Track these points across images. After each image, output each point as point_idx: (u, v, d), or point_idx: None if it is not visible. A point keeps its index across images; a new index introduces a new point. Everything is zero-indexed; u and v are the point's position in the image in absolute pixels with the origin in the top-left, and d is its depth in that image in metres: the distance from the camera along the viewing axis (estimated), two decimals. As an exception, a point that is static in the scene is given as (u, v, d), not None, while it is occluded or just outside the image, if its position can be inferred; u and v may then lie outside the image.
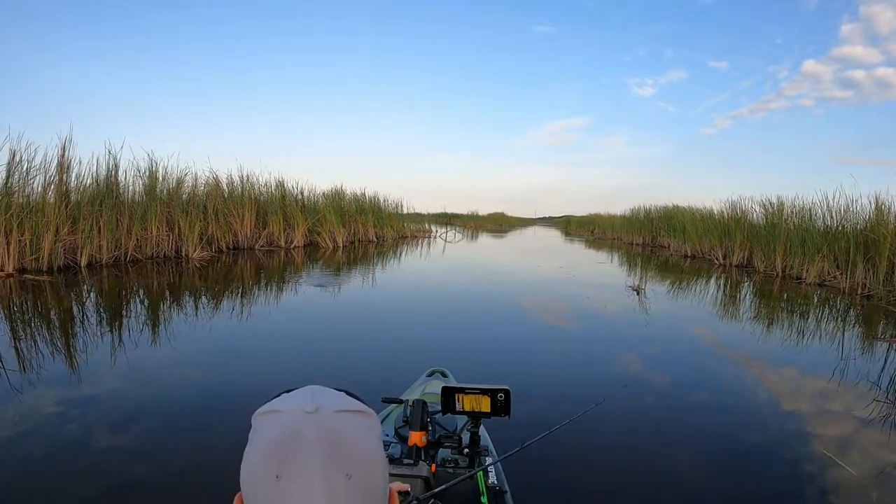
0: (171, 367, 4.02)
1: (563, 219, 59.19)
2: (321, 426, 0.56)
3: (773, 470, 2.70)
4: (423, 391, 2.36)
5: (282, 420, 0.58)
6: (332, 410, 0.59)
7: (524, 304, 7.46)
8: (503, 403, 1.61)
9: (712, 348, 5.31)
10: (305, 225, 15.07)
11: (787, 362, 4.86)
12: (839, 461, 2.78)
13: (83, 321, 5.47)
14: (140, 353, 4.29)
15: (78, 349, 4.36)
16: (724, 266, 14.09)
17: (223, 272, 9.68)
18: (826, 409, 3.67)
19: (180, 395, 3.48)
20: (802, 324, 6.65)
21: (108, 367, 3.91)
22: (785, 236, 12.58)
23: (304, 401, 0.60)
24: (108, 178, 10.01)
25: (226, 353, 4.54)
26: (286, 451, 0.54)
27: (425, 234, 25.33)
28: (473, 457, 1.67)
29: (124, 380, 3.67)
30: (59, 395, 3.32)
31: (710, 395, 3.90)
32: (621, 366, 4.52)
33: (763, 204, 14.30)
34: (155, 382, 3.69)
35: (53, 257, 8.34)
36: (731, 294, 9.31)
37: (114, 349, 4.36)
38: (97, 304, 6.39)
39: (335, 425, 0.57)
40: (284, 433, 0.56)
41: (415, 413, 1.58)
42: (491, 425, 2.12)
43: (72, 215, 8.90)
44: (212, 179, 13.28)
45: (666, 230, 20.27)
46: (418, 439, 1.54)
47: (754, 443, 3.06)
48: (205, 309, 6.31)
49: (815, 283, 10.85)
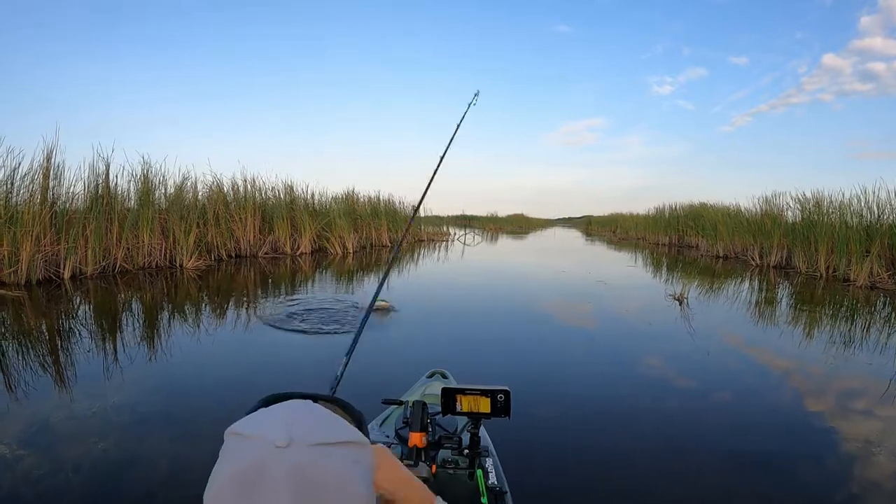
0: (146, 392, 3.30)
1: (584, 219, 58.01)
2: (291, 465, 0.52)
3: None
4: (424, 392, 2.36)
5: (248, 450, 0.53)
6: (307, 444, 0.54)
7: (550, 316, 6.64)
8: (503, 404, 1.58)
9: (792, 386, 4.34)
10: (313, 230, 14.40)
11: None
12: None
13: (50, 341, 4.82)
14: (115, 377, 3.59)
15: (40, 373, 3.74)
16: (760, 267, 13.05)
17: (219, 282, 9.04)
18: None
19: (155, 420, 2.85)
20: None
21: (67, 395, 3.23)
22: (828, 234, 11.55)
23: (277, 430, 0.54)
24: (96, 183, 9.47)
25: (214, 362, 4.23)
26: (250, 487, 0.51)
27: (443, 237, 24.55)
28: (474, 458, 1.64)
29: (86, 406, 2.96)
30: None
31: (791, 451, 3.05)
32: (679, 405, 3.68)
33: (799, 200, 13.29)
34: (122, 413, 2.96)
35: (32, 270, 7.75)
36: (788, 304, 8.09)
37: (81, 375, 3.69)
38: (68, 323, 5.74)
39: (308, 464, 0.52)
40: (250, 466, 0.52)
41: (415, 414, 1.54)
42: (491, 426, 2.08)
43: (55, 224, 8.33)
44: (214, 184, 12.72)
45: (694, 229, 19.21)
46: (418, 440, 1.50)
47: None
48: (195, 319, 5.75)
49: (866, 285, 9.84)
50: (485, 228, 36.89)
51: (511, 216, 46.88)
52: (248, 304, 6.81)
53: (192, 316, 6.15)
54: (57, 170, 8.69)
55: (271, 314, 6.05)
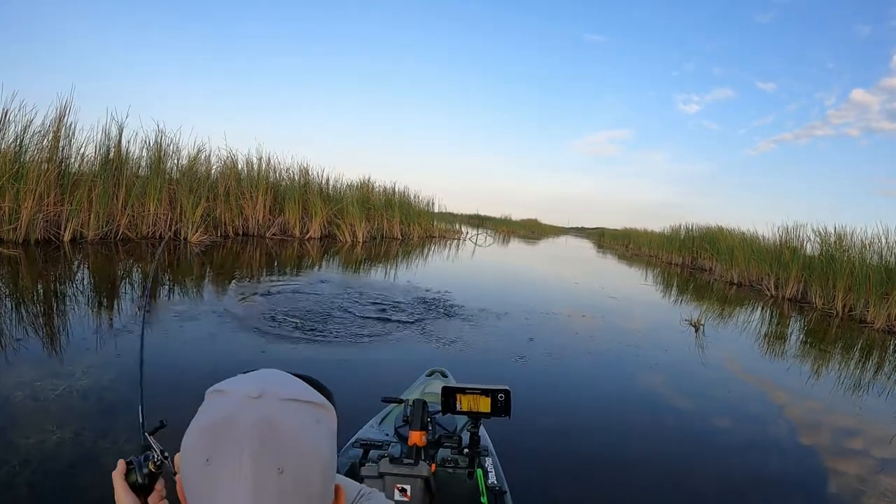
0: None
1: (597, 231, 57.36)
2: (260, 414, 0.54)
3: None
4: (424, 391, 2.33)
5: (223, 402, 0.56)
6: (277, 398, 0.56)
7: (564, 333, 6.40)
8: (503, 404, 1.57)
9: (815, 440, 4.11)
10: (324, 215, 14.21)
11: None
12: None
13: (38, 305, 4.68)
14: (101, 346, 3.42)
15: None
16: (775, 298, 12.70)
17: (221, 260, 8.88)
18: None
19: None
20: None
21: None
22: (847, 271, 11.19)
23: (251, 385, 0.57)
24: (107, 146, 9.35)
25: (210, 348, 4.10)
26: (219, 437, 0.53)
27: (455, 235, 24.31)
28: (473, 457, 1.62)
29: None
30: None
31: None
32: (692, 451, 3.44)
33: (819, 233, 12.91)
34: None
35: (32, 229, 7.62)
36: (808, 344, 7.60)
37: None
38: (59, 286, 5.60)
39: (275, 414, 0.54)
40: (222, 417, 0.54)
41: (415, 413, 1.54)
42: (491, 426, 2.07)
43: (61, 184, 8.20)
44: (228, 159, 12.57)
45: (709, 252, 18.83)
46: (418, 439, 1.50)
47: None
48: (196, 294, 5.69)
49: (884, 328, 9.49)
50: (497, 230, 36.58)
51: (524, 220, 46.54)
52: (241, 291, 6.63)
53: (185, 295, 5.98)
54: (69, 129, 8.59)
55: (255, 310, 5.86)
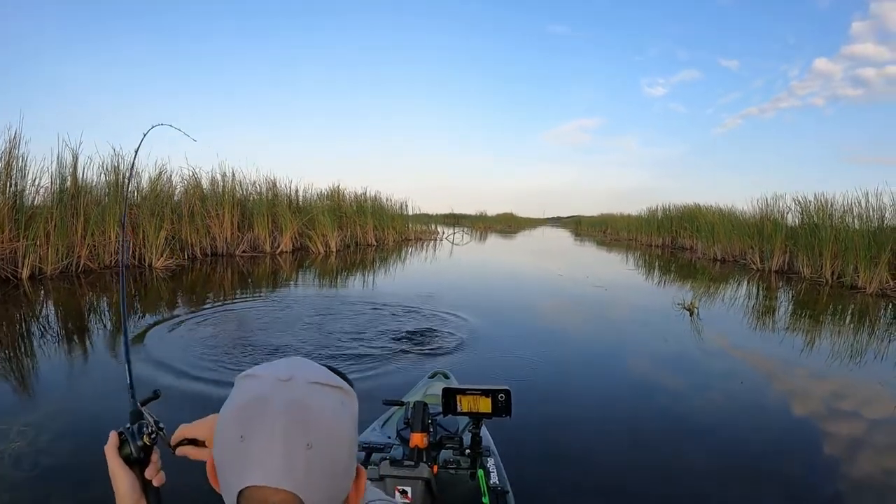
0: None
1: (573, 219, 57.55)
2: (290, 395, 0.56)
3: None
4: (425, 393, 2.31)
5: (255, 385, 0.58)
6: (305, 381, 0.58)
7: (556, 331, 6.05)
8: (504, 404, 1.54)
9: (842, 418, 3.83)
10: (295, 227, 13.68)
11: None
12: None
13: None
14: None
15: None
16: (762, 272, 12.57)
17: (188, 285, 8.35)
18: None
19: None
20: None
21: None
22: (832, 238, 11.07)
23: (281, 370, 0.59)
24: (62, 174, 8.75)
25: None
26: (252, 415, 0.55)
27: (431, 235, 23.89)
28: (475, 458, 1.59)
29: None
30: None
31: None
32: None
33: (799, 202, 12.83)
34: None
35: (-18, 269, 7.01)
36: (806, 316, 7.43)
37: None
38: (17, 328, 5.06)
39: (304, 395, 0.57)
40: (255, 397, 0.56)
41: (416, 414, 1.53)
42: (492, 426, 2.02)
43: (15, 219, 7.62)
44: (191, 177, 11.98)
45: (689, 231, 18.76)
46: (419, 441, 1.49)
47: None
48: (174, 319, 5.28)
49: (876, 292, 9.37)
50: (473, 227, 36.26)
51: (500, 215, 46.27)
52: (204, 315, 6.14)
53: (151, 327, 5.49)
54: (20, 161, 8.05)
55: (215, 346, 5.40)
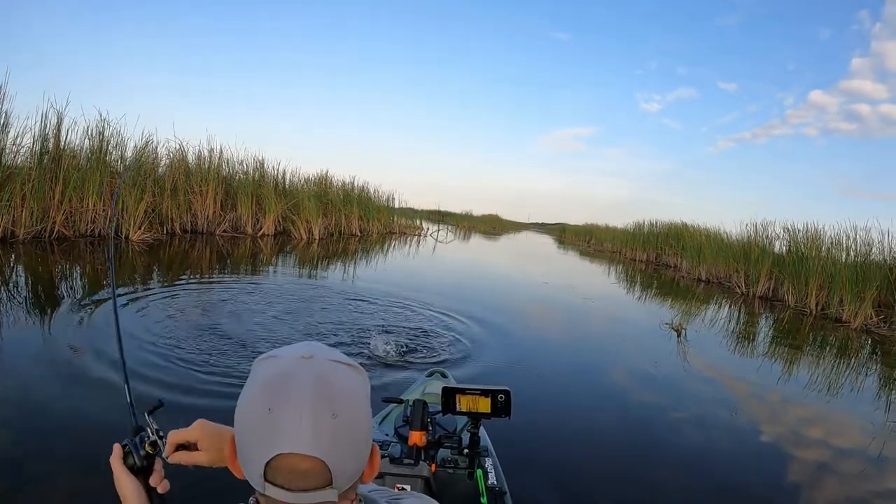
0: None
1: (558, 226, 57.53)
2: (314, 370, 0.60)
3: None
4: (424, 391, 2.29)
5: (278, 363, 0.62)
6: (326, 359, 0.63)
7: (538, 342, 5.84)
8: (503, 404, 1.53)
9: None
10: (279, 210, 13.31)
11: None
12: None
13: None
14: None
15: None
16: (746, 296, 12.56)
17: (163, 260, 8.01)
18: None
19: None
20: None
21: None
22: (818, 269, 11.08)
23: (302, 349, 0.64)
24: (43, 135, 8.31)
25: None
26: (279, 388, 0.58)
27: (415, 230, 23.60)
28: (473, 457, 1.59)
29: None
30: None
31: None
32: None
33: (788, 230, 12.85)
34: None
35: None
36: (794, 344, 7.40)
37: None
38: None
39: (327, 371, 0.61)
40: (280, 373, 0.60)
41: (415, 413, 1.52)
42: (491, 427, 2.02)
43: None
44: (178, 151, 11.55)
45: (675, 248, 18.75)
46: (418, 439, 1.49)
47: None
48: (157, 295, 5.05)
49: (862, 328, 9.36)
50: (458, 226, 36.03)
51: (485, 216, 46.11)
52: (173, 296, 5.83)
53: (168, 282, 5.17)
54: (3, 117, 7.60)
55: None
